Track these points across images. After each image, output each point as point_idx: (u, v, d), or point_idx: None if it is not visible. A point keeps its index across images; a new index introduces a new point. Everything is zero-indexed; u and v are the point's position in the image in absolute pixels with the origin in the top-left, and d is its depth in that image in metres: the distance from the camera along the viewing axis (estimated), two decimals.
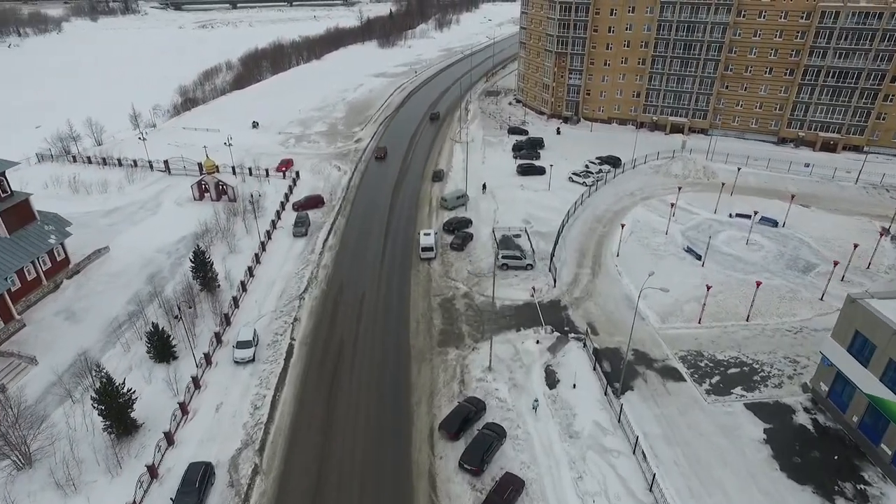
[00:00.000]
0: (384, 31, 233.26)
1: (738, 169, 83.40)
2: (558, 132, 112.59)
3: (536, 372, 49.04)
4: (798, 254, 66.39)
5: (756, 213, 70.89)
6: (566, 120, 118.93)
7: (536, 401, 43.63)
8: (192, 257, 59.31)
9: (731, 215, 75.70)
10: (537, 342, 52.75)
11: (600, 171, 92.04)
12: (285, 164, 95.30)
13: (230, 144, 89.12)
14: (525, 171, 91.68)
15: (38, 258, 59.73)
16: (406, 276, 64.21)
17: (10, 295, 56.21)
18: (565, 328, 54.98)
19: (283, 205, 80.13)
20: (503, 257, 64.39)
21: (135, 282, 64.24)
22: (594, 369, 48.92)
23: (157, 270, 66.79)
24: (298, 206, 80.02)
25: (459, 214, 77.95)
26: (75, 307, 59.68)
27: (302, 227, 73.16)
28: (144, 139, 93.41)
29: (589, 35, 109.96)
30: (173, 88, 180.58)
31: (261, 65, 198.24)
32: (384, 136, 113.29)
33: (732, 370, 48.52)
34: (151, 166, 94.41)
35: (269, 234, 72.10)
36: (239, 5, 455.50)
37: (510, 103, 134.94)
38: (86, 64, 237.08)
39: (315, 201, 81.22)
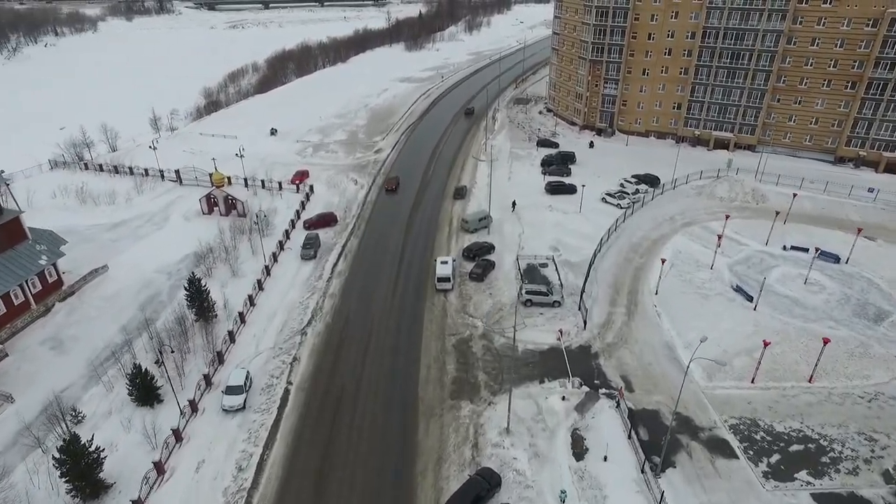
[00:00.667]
0: (412, 33, 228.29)
1: (794, 195, 75.01)
2: (591, 145, 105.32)
3: (562, 437, 42.54)
4: (867, 298, 58.16)
5: (818, 250, 62.88)
6: (600, 132, 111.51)
7: (564, 492, 37.10)
8: (186, 285, 54.57)
9: (785, 248, 67.67)
10: (563, 398, 46.22)
11: (637, 191, 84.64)
12: (300, 176, 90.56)
13: (242, 156, 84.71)
14: (554, 189, 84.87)
15: (26, 281, 55.83)
16: (419, 311, 58.29)
17: None
18: (596, 381, 48.30)
19: (293, 223, 75.15)
20: (527, 292, 57.95)
21: (129, 308, 59.91)
22: (629, 437, 42.18)
23: (155, 294, 62.42)
24: (310, 225, 74.96)
25: (481, 238, 71.77)
26: (63, 335, 55.57)
27: (311, 250, 67.97)
28: (155, 148, 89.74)
29: (627, 42, 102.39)
30: (198, 90, 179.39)
31: (286, 67, 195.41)
32: (405, 147, 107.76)
33: (795, 447, 41.17)
34: (163, 176, 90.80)
35: (275, 257, 67.09)
36: (271, 5, 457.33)
37: (540, 112, 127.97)
38: (117, 64, 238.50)
39: (327, 219, 76.02)
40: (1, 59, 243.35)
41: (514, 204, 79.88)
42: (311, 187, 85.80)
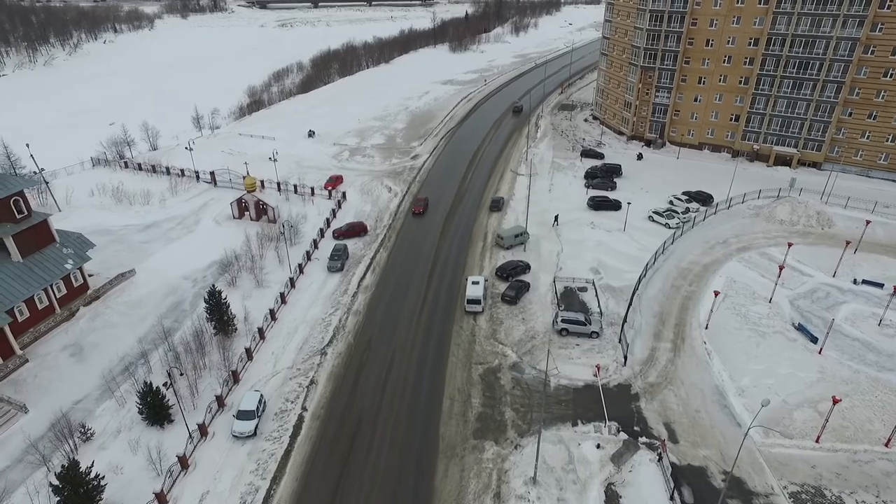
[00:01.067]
0: (457, 34, 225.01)
1: (867, 222, 67.81)
2: (639, 157, 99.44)
3: (594, 493, 38.26)
4: None
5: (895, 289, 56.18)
6: (649, 143, 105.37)
7: None
8: (206, 297, 52.76)
9: (855, 281, 60.94)
10: (598, 446, 41.89)
11: (687, 209, 78.76)
12: (333, 182, 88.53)
13: (275, 160, 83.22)
14: (598, 205, 79.85)
15: (51, 285, 55.26)
16: (446, 334, 54.80)
17: (18, 325, 51.92)
18: (635, 428, 43.69)
19: (321, 232, 72.87)
20: (563, 321, 53.66)
21: (152, 315, 58.73)
22: (671, 498, 37.57)
23: (179, 302, 61.13)
24: (339, 234, 72.56)
25: (516, 255, 67.73)
26: (84, 342, 54.68)
27: (338, 262, 65.46)
28: (191, 149, 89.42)
29: (682, 48, 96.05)
30: (243, 89, 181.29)
31: (330, 67, 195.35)
32: (443, 153, 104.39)
33: None
34: (198, 177, 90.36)
35: (300, 268, 64.85)
36: (320, 4, 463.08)
37: (586, 120, 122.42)
38: (168, 61, 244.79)
39: (358, 229, 73.43)
40: (63, 54, 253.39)
41: (556, 218, 75.50)
42: (344, 194, 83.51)
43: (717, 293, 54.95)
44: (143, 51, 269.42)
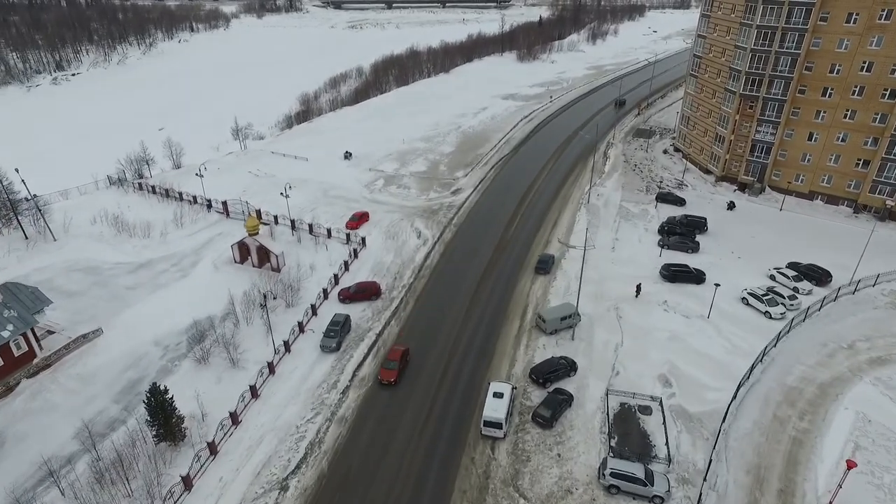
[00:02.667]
0: (527, 40, 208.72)
1: None
2: (730, 207, 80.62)
3: None
4: None
5: None
6: (744, 188, 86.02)
7: None
8: (146, 397, 41.27)
9: None
10: None
11: (796, 292, 60.22)
12: (357, 220, 76.29)
13: (287, 195, 71.90)
14: (675, 275, 62.71)
15: None
16: (450, 470, 40.57)
17: None
18: None
19: (325, 292, 60.40)
20: (613, 475, 38.13)
21: (102, 396, 48.38)
22: None
23: (138, 379, 50.40)
24: (345, 297, 59.85)
25: (561, 346, 52.45)
26: (10, 431, 44.81)
27: (334, 339, 52.71)
28: (202, 175, 79.79)
29: (797, 74, 76.43)
30: (297, 95, 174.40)
31: (388, 74, 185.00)
32: (490, 188, 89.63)
33: None
34: (209, 206, 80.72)
35: (287, 346, 52.59)
36: (394, 5, 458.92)
37: (665, 151, 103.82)
38: (235, 64, 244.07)
39: (369, 291, 60.43)
40: (138, 53, 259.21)
41: (638, 289, 59.60)
42: (363, 240, 70.77)
43: (850, 465, 37.14)
44: (213, 52, 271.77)
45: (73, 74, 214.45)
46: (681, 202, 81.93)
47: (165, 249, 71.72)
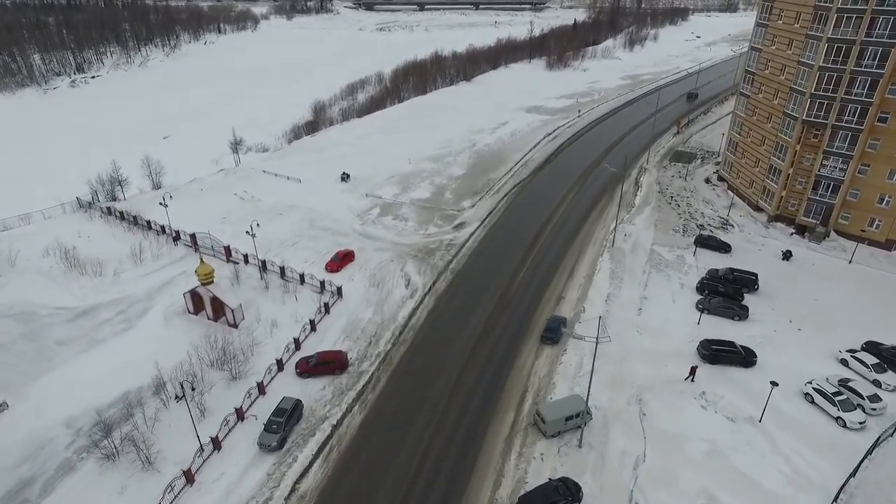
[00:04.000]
0: (559, 46, 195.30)
1: None
2: (786, 257, 66.75)
3: None
4: None
5: None
6: (803, 231, 71.91)
7: None
8: None
9: None
10: None
11: (877, 386, 46.64)
12: (339, 261, 65.69)
13: (254, 234, 61.62)
14: (715, 355, 49.81)
15: None
16: None
17: None
18: None
19: (279, 364, 49.69)
20: None
21: None
22: None
23: (31, 478, 40.64)
24: (304, 370, 48.99)
25: (563, 455, 40.50)
26: None
27: (276, 434, 41.86)
28: (166, 205, 70.20)
29: (878, 99, 62.20)
30: (312, 102, 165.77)
31: (408, 81, 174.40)
32: (499, 222, 77.71)
33: None
34: (176, 239, 71.23)
35: (216, 442, 41.94)
36: (427, 7, 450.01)
37: (708, 181, 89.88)
38: (259, 67, 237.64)
39: (333, 364, 49.41)
40: (161, 55, 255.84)
41: (692, 372, 47.24)
42: (339, 290, 59.88)
43: None
44: (238, 54, 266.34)
45: (93, 77, 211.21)
46: (725, 248, 68.48)
47: (117, 291, 62.19)
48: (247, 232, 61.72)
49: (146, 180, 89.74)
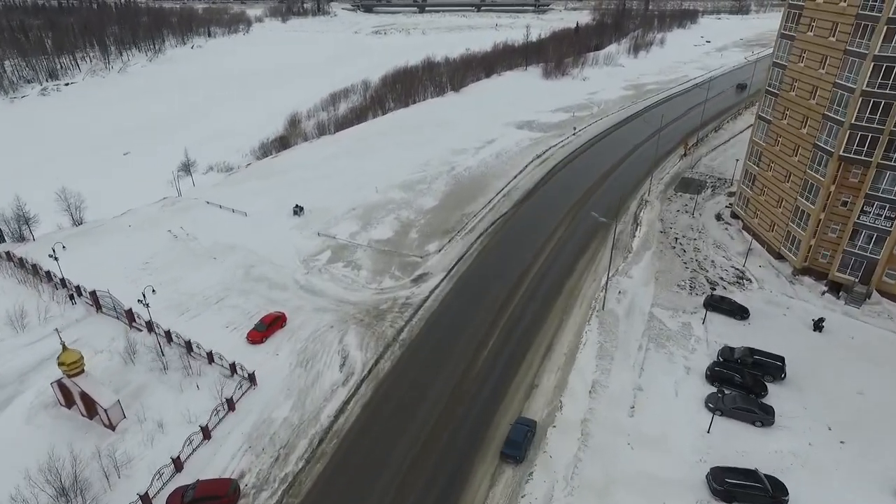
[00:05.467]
0: (558, 52, 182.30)
1: None
2: (818, 326, 53.63)
3: None
4: None
5: None
6: (838, 289, 58.77)
7: None
8: None
9: None
10: None
11: None
12: (266, 329, 53.46)
13: (146, 304, 49.28)
14: (732, 491, 36.83)
15: None
16: None
17: None
18: None
19: (146, 499, 37.29)
20: None
21: None
22: None
23: None
24: None
25: None
26: None
27: None
28: (56, 257, 57.83)
29: None
30: (288, 114, 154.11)
31: (395, 90, 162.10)
32: (468, 273, 64.97)
33: None
34: (74, 295, 58.99)
35: None
36: (427, 9, 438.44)
37: (720, 217, 76.75)
38: (245, 72, 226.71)
39: (216, 501, 36.99)
40: (143, 60, 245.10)
41: None
42: (252, 377, 47.45)
43: None
44: (227, 59, 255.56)
45: (66, 84, 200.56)
46: (741, 313, 55.50)
47: None
48: (139, 300, 49.26)
49: (67, 214, 77.71)
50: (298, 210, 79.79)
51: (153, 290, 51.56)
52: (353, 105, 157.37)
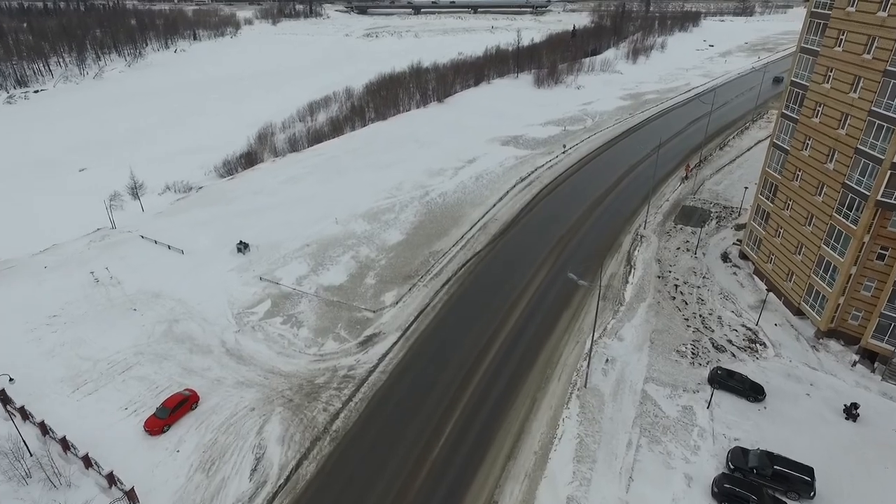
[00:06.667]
0: (552, 57, 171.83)
1: None
2: (851, 414, 43.22)
3: None
4: None
5: None
6: (872, 359, 48.37)
7: None
8: None
9: None
10: None
11: None
12: (168, 415, 43.23)
13: (11, 379, 39.12)
14: None
15: None
16: None
17: None
18: None
19: None
20: None
21: None
22: None
23: None
24: None
25: None
26: None
27: None
28: None
29: None
30: (261, 124, 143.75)
31: (377, 98, 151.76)
32: (428, 331, 54.85)
33: None
34: None
35: None
36: (422, 11, 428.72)
37: (726, 257, 66.29)
38: (225, 78, 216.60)
39: None
40: (122, 65, 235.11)
41: None
42: (131, 493, 37.18)
43: None
44: (211, 63, 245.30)
45: (36, 91, 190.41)
46: (755, 393, 45.14)
47: None
48: (10, 379, 39.23)
49: None
50: (242, 247, 69.54)
51: (10, 379, 41.38)
52: (332, 115, 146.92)
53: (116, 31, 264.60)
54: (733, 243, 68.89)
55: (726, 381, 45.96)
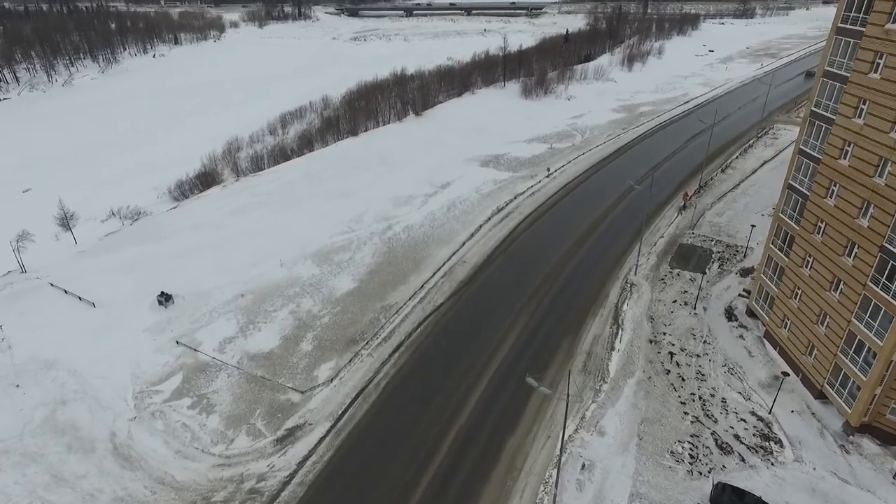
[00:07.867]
0: (541, 65, 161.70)
1: None
2: None
3: None
4: None
5: None
6: None
7: None
8: None
9: None
10: None
11: None
12: None
13: None
14: None
15: None
16: None
17: None
18: None
19: None
20: None
21: None
22: None
23: None
24: None
25: None
26: None
27: None
28: None
29: None
30: (228, 138, 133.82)
31: (353, 109, 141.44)
32: (367, 417, 44.59)
33: None
34: None
35: None
36: (415, 13, 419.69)
37: (730, 314, 56.01)
38: (200, 85, 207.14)
39: None
40: (95, 71, 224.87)
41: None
42: None
43: None
44: (191, 68, 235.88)
45: (1, 100, 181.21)
46: None
47: None
48: None
49: None
50: (164, 299, 59.33)
51: None
52: (305, 128, 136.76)
53: (90, 34, 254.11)
54: (739, 294, 58.73)
55: (731, 499, 35.86)
